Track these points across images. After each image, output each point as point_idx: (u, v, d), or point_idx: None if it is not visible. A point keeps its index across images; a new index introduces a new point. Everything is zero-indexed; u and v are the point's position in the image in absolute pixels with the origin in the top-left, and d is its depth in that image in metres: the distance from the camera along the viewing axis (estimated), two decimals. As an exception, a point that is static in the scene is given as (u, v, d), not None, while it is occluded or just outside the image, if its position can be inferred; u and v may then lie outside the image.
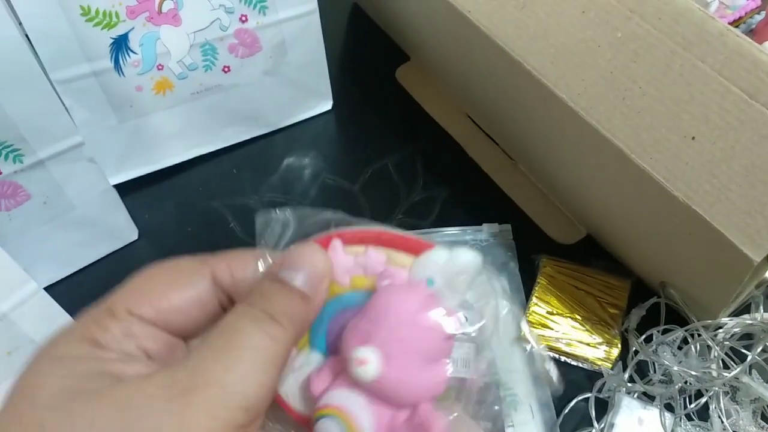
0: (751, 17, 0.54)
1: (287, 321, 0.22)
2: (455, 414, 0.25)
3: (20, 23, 0.44)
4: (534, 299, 0.48)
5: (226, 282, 0.24)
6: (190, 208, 0.56)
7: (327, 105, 0.62)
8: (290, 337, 0.22)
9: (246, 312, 0.22)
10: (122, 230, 0.54)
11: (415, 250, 0.24)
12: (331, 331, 0.24)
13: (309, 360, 0.25)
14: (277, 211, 0.25)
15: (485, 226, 0.53)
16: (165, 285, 0.24)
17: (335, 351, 0.24)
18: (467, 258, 0.24)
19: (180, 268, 0.24)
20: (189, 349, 0.25)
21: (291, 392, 0.25)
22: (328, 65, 0.59)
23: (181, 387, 0.20)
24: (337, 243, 0.24)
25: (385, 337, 0.22)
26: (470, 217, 0.54)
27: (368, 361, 0.22)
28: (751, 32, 0.54)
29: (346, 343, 0.23)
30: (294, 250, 0.24)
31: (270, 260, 0.24)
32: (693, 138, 0.35)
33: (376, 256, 0.24)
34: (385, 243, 0.24)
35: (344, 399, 0.23)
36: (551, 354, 0.47)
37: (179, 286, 0.24)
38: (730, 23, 0.53)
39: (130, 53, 0.50)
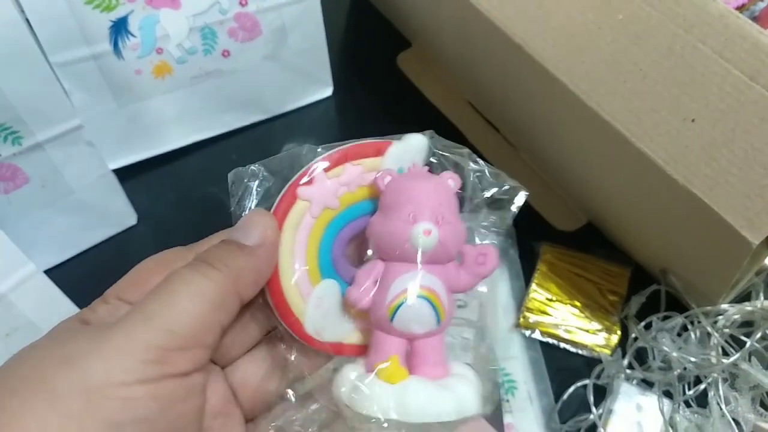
0: (754, 4, 0.53)
1: (221, 264, 0.24)
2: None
3: (20, 6, 0.44)
4: (534, 286, 0.48)
5: None
6: (189, 193, 0.56)
7: (327, 91, 0.61)
8: (226, 278, 0.23)
9: (187, 264, 0.24)
10: (121, 215, 0.54)
11: (379, 151, 0.27)
12: (336, 253, 0.27)
13: (326, 290, 0.27)
14: (250, 167, 0.27)
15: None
16: (152, 272, 0.25)
17: (345, 270, 0.27)
18: (417, 140, 0.28)
19: (168, 257, 0.26)
20: None
21: (316, 325, 0.26)
22: (328, 51, 0.59)
23: (122, 327, 0.22)
24: (319, 173, 0.26)
25: (427, 208, 0.25)
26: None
27: (431, 230, 0.24)
28: (754, 19, 0.53)
29: (398, 229, 0.25)
30: (241, 223, 0.26)
31: None
32: (693, 121, 0.34)
33: (353, 169, 0.26)
34: (355, 156, 0.27)
35: (413, 278, 0.25)
36: (550, 340, 0.47)
37: (164, 272, 0.24)
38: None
39: (130, 36, 0.50)
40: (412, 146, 0.28)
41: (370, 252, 0.26)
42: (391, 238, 0.25)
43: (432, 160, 0.28)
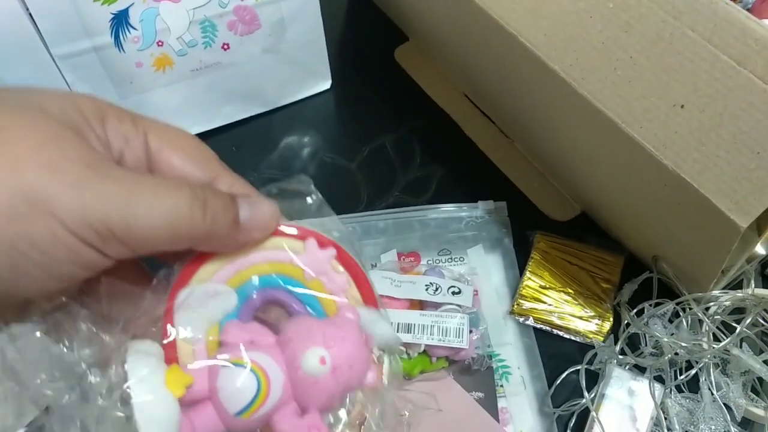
0: (747, -4, 0.54)
1: (210, 217, 0.24)
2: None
3: (22, -2, 0.45)
4: (528, 274, 0.49)
5: None
6: (190, 185, 0.57)
7: (326, 84, 0.62)
8: (203, 229, 0.24)
9: (191, 185, 0.25)
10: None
11: (303, 237, 0.28)
12: (260, 295, 0.28)
13: (227, 298, 0.27)
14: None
15: (481, 204, 0.53)
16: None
17: (250, 312, 0.28)
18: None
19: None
20: None
21: (186, 306, 0.26)
22: (327, 45, 0.60)
23: (103, 174, 0.23)
24: (312, 242, 0.27)
25: (340, 355, 0.26)
26: (466, 195, 0.54)
27: (327, 363, 0.25)
28: (748, 11, 0.54)
29: (305, 339, 0.26)
30: (261, 198, 0.27)
31: None
32: (682, 106, 0.35)
33: (340, 279, 0.28)
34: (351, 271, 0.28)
35: (270, 366, 0.25)
36: (544, 327, 0.48)
37: None
38: (726, 2, 0.53)
39: (130, 29, 0.51)
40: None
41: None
42: (297, 340, 0.27)
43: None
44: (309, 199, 0.29)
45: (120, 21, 0.50)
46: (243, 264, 0.27)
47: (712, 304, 0.45)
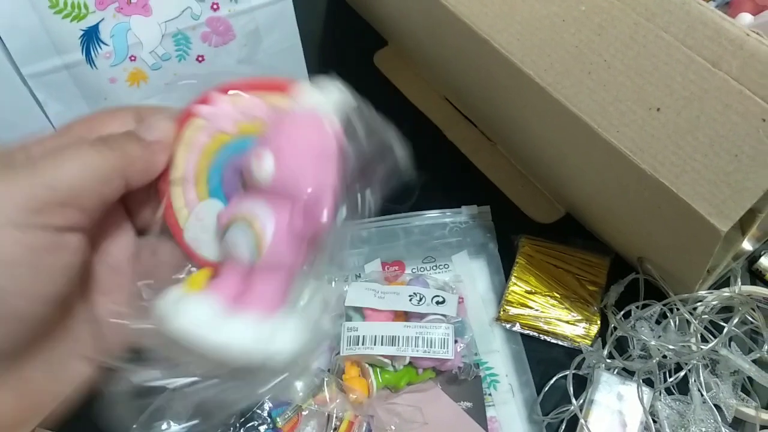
0: (726, -11, 0.53)
1: (116, 146, 0.25)
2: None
3: (-12, 18, 0.44)
4: (513, 279, 0.48)
5: None
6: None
7: (305, 92, 0.61)
8: (117, 158, 0.25)
9: (87, 140, 0.26)
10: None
11: (285, 89, 0.26)
12: (226, 177, 0.27)
13: (210, 207, 0.27)
14: None
15: (464, 208, 0.53)
16: (111, 118, 0.28)
17: (232, 194, 0.27)
18: (333, 92, 0.27)
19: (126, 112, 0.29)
20: None
21: (197, 239, 0.27)
22: (306, 51, 0.59)
23: (14, 169, 0.23)
24: (215, 94, 0.27)
25: (276, 139, 0.24)
26: (450, 200, 0.54)
27: (263, 156, 0.24)
28: (726, 5, 0.53)
29: (246, 156, 0.25)
30: (153, 113, 0.28)
31: None
32: (658, 109, 0.35)
33: (253, 101, 0.26)
34: (260, 88, 0.26)
35: (246, 207, 0.25)
36: (531, 332, 0.47)
37: (119, 123, 0.28)
38: (706, -4, 0.53)
39: (102, 45, 0.50)
40: (323, 95, 0.26)
41: None
42: (243, 165, 0.25)
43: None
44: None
45: (90, 37, 0.49)
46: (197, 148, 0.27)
47: (699, 304, 0.44)
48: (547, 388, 0.45)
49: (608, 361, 0.45)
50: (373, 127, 0.27)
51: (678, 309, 0.43)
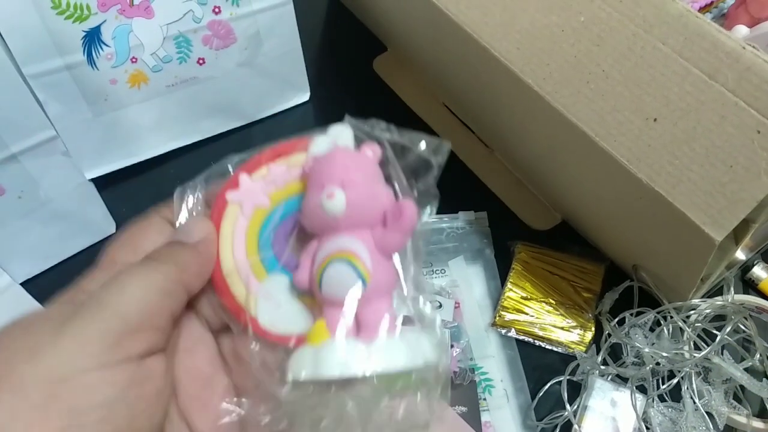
0: (722, 1, 0.54)
1: (167, 258, 0.25)
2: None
3: (-9, 18, 0.44)
4: (509, 285, 0.49)
5: None
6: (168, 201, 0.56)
7: (304, 96, 0.62)
8: (172, 270, 0.25)
9: (133, 263, 0.26)
10: (100, 224, 0.54)
11: (302, 147, 0.27)
12: (277, 248, 0.27)
13: (275, 283, 0.27)
14: (189, 183, 0.28)
15: (461, 214, 0.53)
16: (145, 232, 0.28)
17: (291, 263, 0.27)
18: (339, 130, 0.27)
19: (156, 220, 0.29)
20: None
21: (269, 318, 0.27)
22: (306, 56, 0.59)
23: (71, 308, 0.23)
24: (242, 177, 0.27)
25: (337, 176, 0.25)
26: (446, 205, 0.54)
27: (335, 194, 0.24)
28: (722, 17, 0.54)
29: (310, 201, 0.25)
30: (190, 221, 0.28)
31: None
32: (655, 120, 0.35)
33: (277, 168, 0.27)
34: (279, 155, 0.27)
35: (332, 246, 0.25)
36: (526, 338, 0.48)
37: (156, 234, 0.28)
38: (702, 8, 0.53)
39: (103, 46, 0.50)
40: (335, 135, 0.27)
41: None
42: (308, 210, 0.26)
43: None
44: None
45: (92, 38, 0.50)
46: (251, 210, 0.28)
47: (692, 312, 0.45)
48: (541, 394, 0.46)
49: (602, 367, 0.45)
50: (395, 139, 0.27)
51: (672, 317, 0.44)
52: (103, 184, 0.55)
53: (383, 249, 0.25)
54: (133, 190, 0.57)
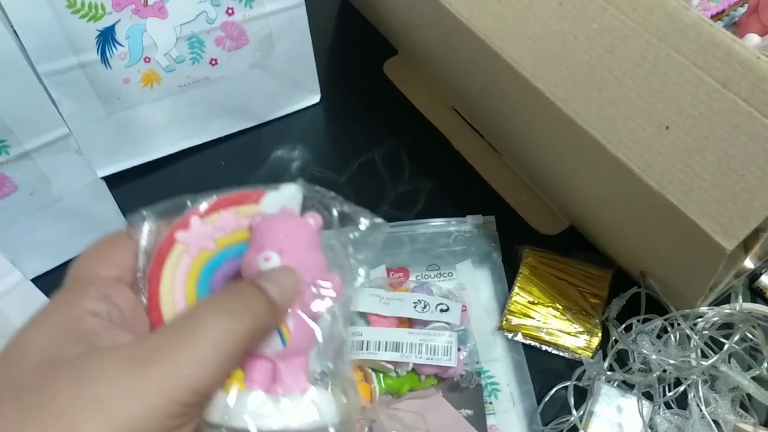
0: (734, 10, 0.54)
1: (250, 318, 0.24)
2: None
3: (7, 16, 0.45)
4: (516, 289, 0.49)
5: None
6: (178, 200, 0.57)
7: (315, 98, 0.62)
8: (249, 333, 0.23)
9: (213, 303, 0.24)
10: (110, 221, 0.54)
11: (254, 199, 0.29)
12: (214, 289, 0.28)
13: None
14: (143, 211, 0.28)
15: (469, 218, 0.53)
16: (116, 247, 0.27)
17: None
18: (290, 189, 0.29)
19: (121, 234, 0.27)
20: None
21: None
22: (316, 59, 0.60)
23: (137, 360, 0.21)
24: (194, 219, 0.28)
25: (276, 242, 0.27)
26: (455, 209, 0.54)
27: (270, 257, 0.26)
28: (734, 25, 0.54)
29: (248, 259, 0.27)
30: (275, 268, 0.26)
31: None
32: (667, 128, 0.35)
33: (228, 215, 0.28)
34: (232, 203, 0.29)
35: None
36: (532, 342, 0.48)
37: (127, 247, 0.27)
38: (714, 16, 0.54)
39: (117, 45, 0.51)
40: (286, 195, 0.29)
41: None
42: (246, 266, 0.27)
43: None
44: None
45: (106, 37, 0.50)
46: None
47: (700, 320, 0.45)
48: (547, 399, 0.46)
49: (609, 373, 0.45)
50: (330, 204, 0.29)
51: (679, 324, 0.44)
52: (114, 182, 0.55)
53: (307, 312, 0.27)
54: (144, 188, 0.57)
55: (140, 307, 0.27)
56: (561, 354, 0.47)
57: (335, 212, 0.29)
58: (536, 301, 0.48)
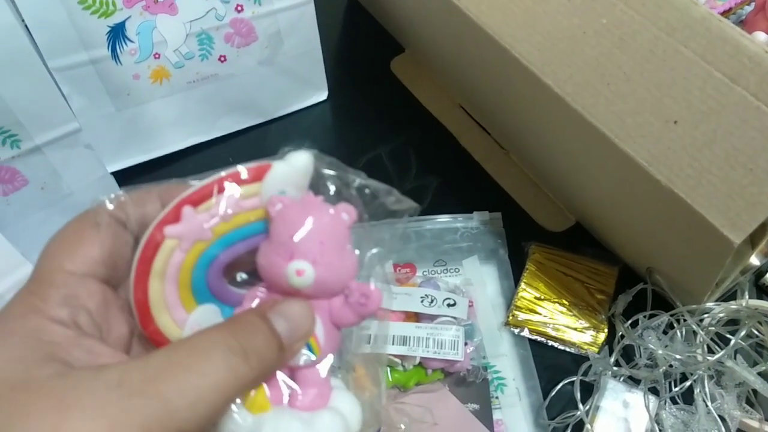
0: (741, 8, 0.54)
1: (256, 362, 0.22)
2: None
3: (18, 12, 0.45)
4: (522, 285, 0.49)
5: (133, 224, 0.25)
6: (186, 196, 0.57)
7: (322, 95, 0.62)
8: (252, 378, 0.22)
9: (221, 339, 0.22)
10: (119, 217, 0.55)
11: (257, 176, 0.25)
12: (211, 281, 0.25)
13: (203, 314, 0.25)
14: (112, 195, 0.25)
15: (476, 214, 0.53)
16: (84, 237, 0.24)
17: (226, 294, 0.26)
18: (300, 160, 0.25)
19: (89, 221, 0.25)
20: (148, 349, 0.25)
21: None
22: (324, 56, 0.60)
23: (127, 390, 0.19)
24: (186, 210, 0.24)
25: (306, 246, 0.24)
26: (461, 206, 0.54)
27: (304, 270, 0.24)
28: (741, 23, 0.54)
29: (275, 264, 0.24)
30: (289, 302, 0.24)
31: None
32: (675, 122, 0.35)
33: (226, 198, 0.25)
34: (230, 182, 0.25)
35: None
36: (539, 338, 0.48)
37: (96, 237, 0.24)
38: (721, 14, 0.54)
39: (127, 42, 0.51)
40: (296, 167, 0.25)
41: (243, 275, 0.26)
42: (271, 272, 0.24)
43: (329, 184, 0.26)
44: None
45: (117, 34, 0.51)
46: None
47: (706, 315, 0.45)
48: (553, 393, 0.46)
49: (615, 368, 0.45)
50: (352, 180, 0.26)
51: (685, 320, 0.44)
52: (123, 178, 0.55)
53: (336, 322, 0.25)
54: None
55: (114, 307, 0.24)
56: (567, 349, 0.47)
57: (355, 192, 0.26)
58: (543, 297, 0.49)
